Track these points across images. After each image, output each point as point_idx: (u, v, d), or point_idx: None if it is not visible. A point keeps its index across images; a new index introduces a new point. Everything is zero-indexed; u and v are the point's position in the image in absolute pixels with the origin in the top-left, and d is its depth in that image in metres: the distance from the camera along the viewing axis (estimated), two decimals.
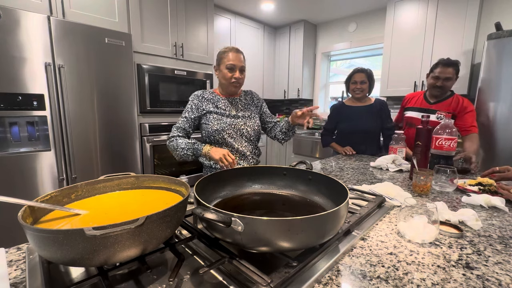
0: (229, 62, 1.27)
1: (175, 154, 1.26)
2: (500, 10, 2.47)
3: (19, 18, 1.61)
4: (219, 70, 1.33)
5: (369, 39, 3.44)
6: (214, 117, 1.31)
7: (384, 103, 1.91)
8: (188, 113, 1.32)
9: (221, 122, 1.30)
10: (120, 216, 0.56)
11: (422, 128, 1.18)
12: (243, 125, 1.35)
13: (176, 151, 1.24)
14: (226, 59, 1.28)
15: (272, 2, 3.19)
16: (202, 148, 1.20)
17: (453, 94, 1.71)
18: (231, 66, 1.28)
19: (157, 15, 2.38)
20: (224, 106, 1.35)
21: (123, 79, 2.12)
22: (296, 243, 0.48)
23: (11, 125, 1.66)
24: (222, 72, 1.31)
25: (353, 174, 1.34)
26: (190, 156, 1.22)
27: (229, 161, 1.09)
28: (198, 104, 1.33)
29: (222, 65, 1.30)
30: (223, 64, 1.29)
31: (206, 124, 1.32)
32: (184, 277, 0.50)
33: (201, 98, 1.34)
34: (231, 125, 1.32)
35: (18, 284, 0.49)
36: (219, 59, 1.32)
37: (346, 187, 0.61)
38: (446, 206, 0.83)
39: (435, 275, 0.52)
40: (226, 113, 1.34)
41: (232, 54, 1.28)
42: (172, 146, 1.26)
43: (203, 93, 1.36)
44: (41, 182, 1.79)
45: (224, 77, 1.30)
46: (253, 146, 1.40)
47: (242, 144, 1.35)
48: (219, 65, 1.32)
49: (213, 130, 1.30)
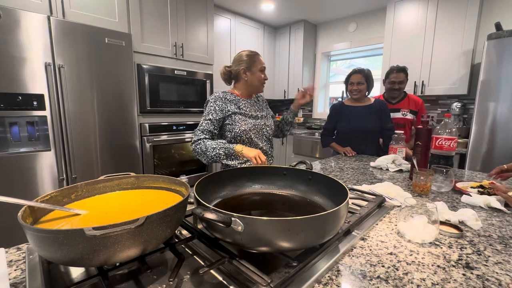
0: (262, 65, 1.38)
1: (204, 157, 1.24)
2: (500, 10, 2.47)
3: (19, 18, 1.61)
4: (250, 72, 1.37)
5: (369, 39, 3.44)
6: (239, 118, 1.35)
7: (384, 103, 1.91)
8: (212, 115, 1.31)
9: (247, 123, 1.35)
10: (120, 216, 0.56)
11: (422, 128, 1.18)
12: (263, 125, 1.42)
13: (206, 152, 1.22)
14: (259, 62, 1.37)
15: (272, 2, 3.19)
16: (234, 147, 1.20)
17: (406, 95, 2.10)
18: (263, 68, 1.39)
19: (157, 15, 2.38)
20: (245, 107, 1.39)
21: (123, 79, 2.12)
22: (296, 243, 0.48)
23: (11, 125, 1.66)
24: (255, 75, 1.38)
25: (353, 174, 1.34)
26: (222, 155, 1.21)
27: (262, 160, 1.12)
28: (222, 105, 1.34)
29: (255, 68, 1.37)
30: (256, 67, 1.37)
31: (231, 125, 1.34)
32: (184, 277, 0.50)
33: (224, 100, 1.36)
34: (255, 125, 1.38)
35: (18, 284, 0.49)
36: (250, 62, 1.37)
37: (346, 187, 0.61)
38: (446, 206, 0.83)
39: (435, 275, 0.52)
40: (248, 113, 1.39)
41: (260, 57, 1.39)
42: (199, 149, 1.25)
43: (225, 94, 1.38)
44: (41, 182, 1.79)
45: (258, 78, 1.38)
46: (270, 145, 1.49)
47: (263, 143, 1.42)
48: (251, 67, 1.37)
49: (240, 131, 1.33)
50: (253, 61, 1.37)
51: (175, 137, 2.61)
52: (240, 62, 1.38)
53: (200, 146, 1.25)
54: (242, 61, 1.38)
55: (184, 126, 2.69)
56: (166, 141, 2.54)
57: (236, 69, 1.39)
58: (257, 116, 1.42)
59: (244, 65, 1.37)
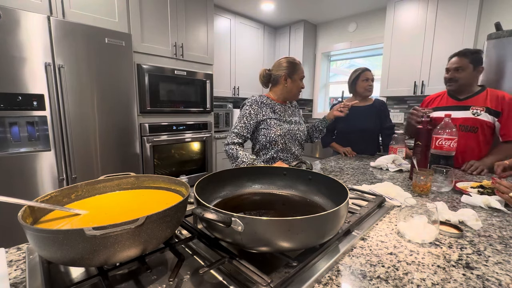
0: (303, 74, 1.41)
1: (233, 161, 1.30)
2: (500, 10, 2.47)
3: (19, 18, 1.61)
4: (291, 80, 1.40)
5: (369, 39, 3.44)
6: (275, 123, 1.37)
7: (384, 104, 1.92)
8: (247, 118, 1.35)
9: (282, 128, 1.37)
10: (120, 216, 0.56)
11: (422, 128, 1.18)
12: (297, 130, 1.44)
13: (236, 160, 1.28)
14: (301, 71, 1.40)
15: (272, 2, 3.19)
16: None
17: (484, 89, 1.46)
18: (303, 77, 1.42)
19: (157, 15, 2.38)
20: (280, 112, 1.42)
21: (123, 79, 2.12)
22: (296, 243, 0.48)
23: (11, 125, 1.66)
24: (296, 82, 1.40)
25: (353, 174, 1.34)
26: None
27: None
28: (258, 110, 1.36)
29: (297, 76, 1.39)
30: (298, 75, 1.39)
31: (267, 130, 1.36)
32: (184, 277, 0.50)
33: (260, 104, 1.38)
34: (290, 131, 1.40)
35: (18, 284, 0.49)
36: (292, 69, 1.39)
37: (346, 187, 0.61)
38: (446, 206, 0.83)
39: (435, 275, 0.52)
40: (283, 118, 1.41)
41: (302, 66, 1.42)
42: (231, 154, 1.30)
43: (261, 98, 1.41)
44: (41, 182, 1.79)
45: (297, 86, 1.41)
46: (302, 149, 1.53)
47: (296, 147, 1.45)
48: (293, 74, 1.39)
49: (276, 135, 1.35)
50: (296, 69, 1.39)
51: (175, 137, 2.61)
52: (281, 67, 1.40)
53: (232, 151, 1.30)
54: (284, 67, 1.40)
55: (184, 126, 2.69)
56: (166, 141, 2.54)
57: (277, 74, 1.41)
58: (291, 121, 1.44)
59: (286, 72, 1.39)
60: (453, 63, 1.44)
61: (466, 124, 1.45)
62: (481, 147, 1.45)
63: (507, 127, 1.39)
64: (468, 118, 1.44)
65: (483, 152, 1.46)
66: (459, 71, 1.43)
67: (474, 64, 1.40)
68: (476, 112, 1.43)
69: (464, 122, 1.45)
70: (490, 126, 1.42)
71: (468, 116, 1.44)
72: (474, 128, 1.43)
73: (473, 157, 1.43)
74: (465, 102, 1.47)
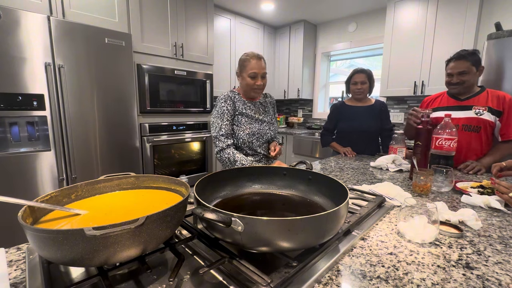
0: (251, 70, 1.29)
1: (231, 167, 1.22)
2: (500, 10, 2.47)
3: (19, 18, 1.61)
4: (241, 77, 1.34)
5: (369, 39, 3.44)
6: (245, 121, 1.32)
7: (384, 104, 1.92)
8: (227, 115, 1.30)
9: (252, 127, 1.33)
10: (120, 216, 0.56)
11: (422, 128, 1.18)
12: (268, 129, 1.39)
13: (235, 164, 1.21)
14: (249, 67, 1.29)
15: (272, 2, 3.19)
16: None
17: (484, 89, 1.47)
18: (254, 75, 1.29)
19: (157, 15, 2.38)
20: (250, 109, 1.36)
21: (123, 79, 2.12)
22: (296, 243, 0.48)
23: (11, 125, 1.66)
24: (245, 80, 1.32)
25: (353, 174, 1.34)
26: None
27: None
28: (232, 105, 1.33)
29: (245, 73, 1.31)
30: (246, 72, 1.30)
31: (237, 127, 1.32)
32: (184, 277, 0.50)
33: (233, 99, 1.34)
34: (260, 130, 1.35)
35: (18, 284, 0.49)
36: (241, 66, 1.33)
37: (346, 187, 0.61)
38: (446, 206, 0.83)
39: (435, 275, 0.52)
40: (254, 116, 1.36)
41: (254, 61, 1.28)
42: (227, 159, 1.23)
43: (233, 93, 1.36)
44: (41, 182, 1.79)
45: (246, 83, 1.32)
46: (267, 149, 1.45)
47: (263, 147, 1.39)
48: (242, 72, 1.33)
49: (245, 134, 1.31)
50: (243, 65, 1.32)
51: (175, 137, 2.61)
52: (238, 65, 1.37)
53: (228, 156, 1.23)
54: (238, 65, 1.36)
55: (184, 126, 2.69)
56: (166, 141, 2.54)
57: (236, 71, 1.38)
58: (262, 120, 1.39)
59: (238, 69, 1.36)
60: (456, 68, 1.42)
61: (470, 124, 1.45)
62: (483, 147, 1.45)
63: (507, 127, 1.40)
64: (472, 118, 1.44)
65: (485, 151, 1.46)
66: (463, 75, 1.42)
67: (476, 66, 1.41)
68: (479, 111, 1.43)
69: (467, 122, 1.45)
70: (492, 125, 1.42)
71: (471, 116, 1.44)
72: (477, 127, 1.43)
73: (475, 156, 1.42)
74: (467, 102, 1.47)
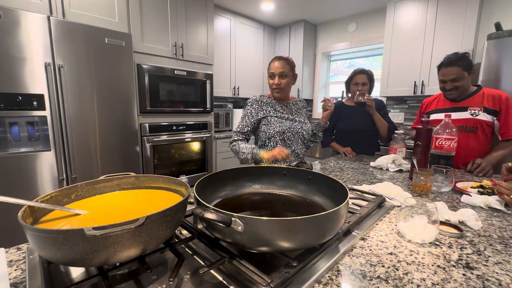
0: (270, 71, 1.42)
1: (238, 157, 1.38)
2: (500, 10, 2.47)
3: (19, 18, 1.61)
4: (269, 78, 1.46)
5: (369, 39, 3.44)
6: (275, 120, 1.41)
7: (381, 102, 1.93)
8: (248, 117, 1.42)
9: (282, 125, 1.40)
10: (120, 216, 0.56)
11: (422, 128, 1.18)
12: (300, 128, 1.46)
13: (239, 154, 1.36)
14: (269, 68, 1.42)
15: (272, 2, 3.19)
16: (259, 153, 1.30)
17: (480, 89, 1.47)
18: (271, 74, 1.41)
19: (157, 15, 2.38)
20: (282, 110, 1.46)
21: (123, 79, 2.11)
22: (296, 243, 0.48)
23: (11, 125, 1.66)
24: (269, 80, 1.44)
25: (353, 174, 1.34)
26: (249, 159, 1.33)
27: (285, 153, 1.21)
28: (258, 108, 1.43)
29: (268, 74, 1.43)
30: (268, 72, 1.43)
31: (267, 126, 1.41)
32: (184, 277, 0.50)
33: (260, 103, 1.44)
34: (291, 128, 1.43)
35: (18, 284, 0.49)
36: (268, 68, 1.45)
37: (346, 187, 0.61)
38: (446, 206, 0.83)
39: (435, 275, 0.52)
40: (285, 116, 1.45)
41: (274, 62, 1.40)
42: (235, 149, 1.39)
43: (261, 97, 1.46)
44: (41, 182, 1.79)
45: (268, 84, 1.45)
46: (305, 148, 1.55)
47: (298, 146, 1.47)
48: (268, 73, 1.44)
49: (275, 132, 1.39)
50: (268, 68, 1.43)
51: (175, 137, 2.61)
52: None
53: (235, 147, 1.39)
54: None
55: (184, 126, 2.69)
56: (166, 141, 2.54)
57: None
58: (294, 119, 1.47)
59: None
60: (448, 75, 1.42)
61: (466, 125, 1.46)
62: (482, 147, 1.45)
63: (506, 126, 1.41)
64: (468, 119, 1.45)
65: (484, 151, 1.45)
66: (456, 81, 1.42)
67: (468, 70, 1.41)
68: (474, 112, 1.44)
69: (463, 123, 1.46)
70: (490, 125, 1.43)
71: (467, 117, 1.45)
72: (474, 128, 1.44)
73: (475, 157, 1.42)
74: (462, 103, 1.48)
